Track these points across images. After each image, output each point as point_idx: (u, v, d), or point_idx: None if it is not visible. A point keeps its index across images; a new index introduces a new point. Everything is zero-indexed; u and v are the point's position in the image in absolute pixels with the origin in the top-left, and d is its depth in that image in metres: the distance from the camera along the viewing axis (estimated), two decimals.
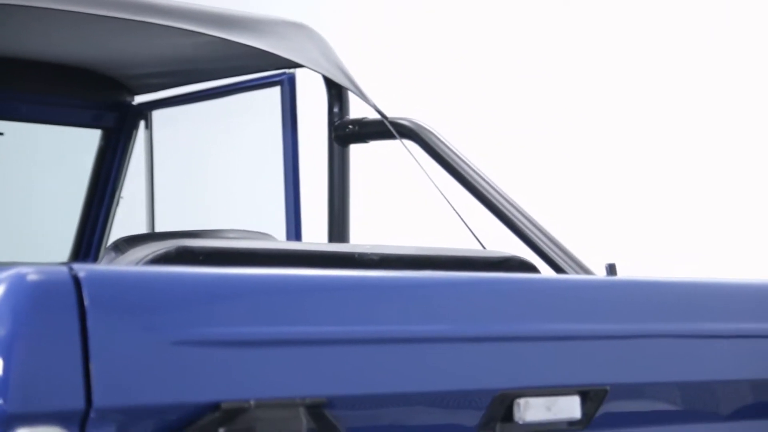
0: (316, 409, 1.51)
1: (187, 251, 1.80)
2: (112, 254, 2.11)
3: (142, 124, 3.40)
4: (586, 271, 2.52)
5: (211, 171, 5.57)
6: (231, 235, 2.61)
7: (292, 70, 3.01)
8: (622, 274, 1.99)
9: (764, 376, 1.97)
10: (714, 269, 4.55)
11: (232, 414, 1.45)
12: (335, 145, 2.96)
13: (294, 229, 2.97)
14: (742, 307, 1.97)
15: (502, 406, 1.68)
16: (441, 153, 2.71)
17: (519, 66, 5.18)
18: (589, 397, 1.76)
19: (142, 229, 3.40)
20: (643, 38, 4.87)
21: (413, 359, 1.61)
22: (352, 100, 2.96)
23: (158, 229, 3.41)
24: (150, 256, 1.83)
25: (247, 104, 3.26)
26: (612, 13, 4.95)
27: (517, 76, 5.18)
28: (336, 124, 2.96)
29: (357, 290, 1.61)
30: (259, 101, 3.17)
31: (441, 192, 2.57)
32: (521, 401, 1.69)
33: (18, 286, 1.35)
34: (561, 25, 5.08)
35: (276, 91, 3.05)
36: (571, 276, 2.44)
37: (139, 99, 3.39)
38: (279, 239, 2.90)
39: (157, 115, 3.39)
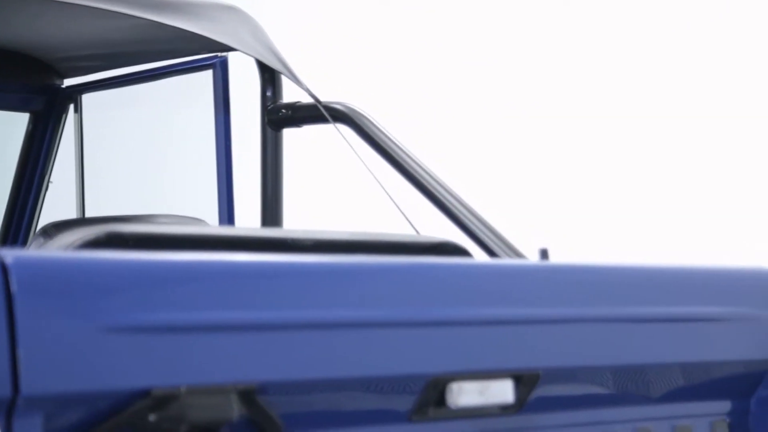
0: (248, 396, 1.50)
1: (117, 236, 1.78)
2: (41, 240, 2.08)
3: (71, 107, 3.36)
4: (519, 256, 2.53)
5: (142, 156, 5.53)
6: (162, 220, 2.59)
7: (224, 54, 2.99)
8: (555, 258, 2.00)
9: (694, 359, 1.99)
10: (651, 254, 4.59)
11: (163, 401, 1.43)
12: (268, 130, 2.95)
13: (227, 214, 2.95)
14: (672, 292, 1.99)
15: (435, 391, 1.69)
16: (374, 137, 2.71)
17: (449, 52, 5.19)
18: (522, 381, 1.76)
19: (72, 214, 3.36)
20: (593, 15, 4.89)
21: (346, 344, 1.60)
22: (286, 84, 2.94)
23: (88, 214, 3.37)
24: (79, 242, 1.81)
25: (179, 88, 3.23)
26: None
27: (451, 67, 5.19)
28: (269, 108, 2.95)
29: (290, 275, 1.60)
30: (191, 85, 3.14)
31: (374, 176, 2.57)
32: (454, 386, 1.69)
33: None
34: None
35: (208, 74, 3.03)
36: (504, 261, 2.45)
37: (68, 82, 3.35)
38: (211, 224, 2.88)
39: (87, 98, 3.36)
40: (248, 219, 3.06)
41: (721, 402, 2.06)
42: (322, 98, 2.80)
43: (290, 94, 2.95)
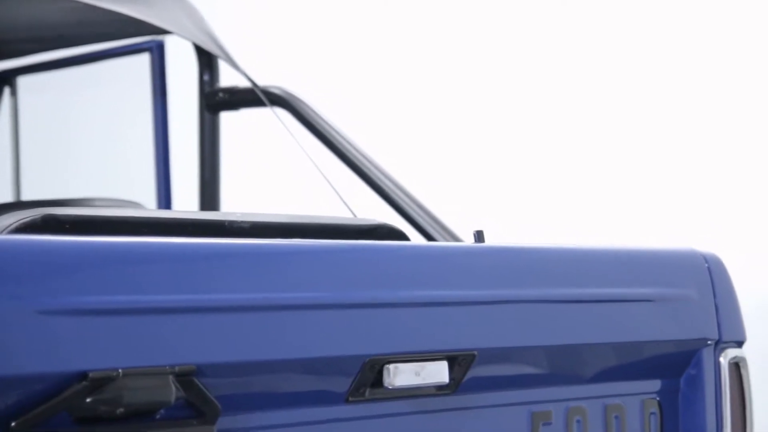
0: (186, 378, 1.51)
1: (53, 219, 1.77)
2: None
3: (7, 90, 3.33)
4: (455, 238, 2.55)
5: (79, 139, 5.49)
6: (99, 203, 2.58)
7: (161, 37, 2.98)
8: (490, 240, 2.02)
9: (626, 339, 2.02)
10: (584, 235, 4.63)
11: (100, 383, 1.44)
12: (205, 113, 2.94)
13: (164, 198, 2.94)
14: (604, 273, 2.02)
15: (371, 372, 1.70)
16: (312, 121, 2.72)
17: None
18: (458, 362, 1.79)
19: (8, 197, 3.34)
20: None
21: (284, 326, 1.61)
22: (223, 68, 2.94)
23: (24, 197, 3.35)
24: (15, 225, 1.80)
25: (116, 71, 3.22)
26: None
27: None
28: (206, 92, 2.94)
29: (227, 258, 1.60)
30: (128, 68, 3.13)
31: (312, 160, 2.57)
32: (391, 367, 1.71)
33: None
34: None
35: (145, 58, 3.02)
36: (440, 243, 2.47)
37: (4, 65, 3.32)
38: (148, 208, 2.88)
39: (22, 81, 3.33)
40: (186, 203, 3.05)
41: (652, 381, 2.10)
42: (260, 83, 2.80)
43: (228, 78, 2.95)
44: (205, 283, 1.55)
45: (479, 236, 2.01)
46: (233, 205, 3.13)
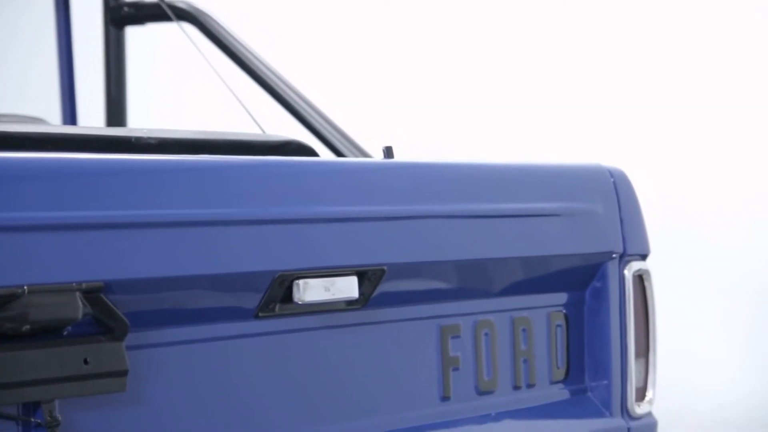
0: (93, 294, 1.50)
1: None
2: None
3: None
4: (364, 154, 2.55)
5: None
6: (2, 119, 2.53)
7: None
8: (400, 156, 2.02)
9: (532, 253, 2.04)
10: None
11: (5, 300, 1.42)
12: (111, 28, 2.90)
13: (69, 114, 2.90)
14: (512, 188, 2.04)
15: (281, 288, 1.71)
16: (219, 36, 2.69)
17: None
18: (367, 277, 1.80)
19: None
20: None
21: (192, 242, 1.61)
22: None
23: None
24: None
25: None
26: None
27: None
28: (111, 6, 2.89)
29: (134, 174, 1.59)
30: None
31: (219, 75, 2.55)
32: (300, 282, 1.71)
33: None
34: None
35: None
36: (350, 159, 2.47)
37: None
38: (53, 123, 2.83)
39: None
40: (92, 119, 3.01)
41: (559, 294, 2.13)
42: None
43: None
44: (111, 200, 1.54)
45: (388, 152, 2.01)
46: (140, 121, 3.09)
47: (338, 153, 2.56)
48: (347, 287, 1.77)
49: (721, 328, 4.71)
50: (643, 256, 2.20)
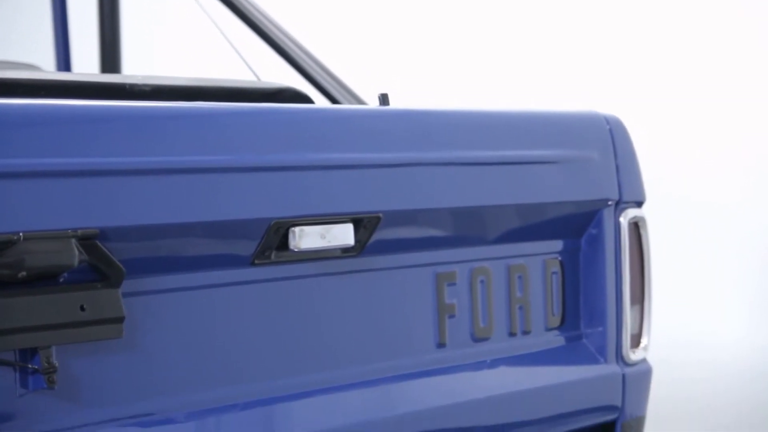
0: (89, 241, 1.50)
1: None
2: None
3: None
4: (359, 102, 2.54)
5: None
6: None
7: None
8: (395, 103, 2.02)
9: (528, 200, 2.04)
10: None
11: (1, 247, 1.42)
12: None
13: (63, 60, 2.89)
14: (508, 135, 2.04)
15: (277, 235, 1.71)
16: None
17: None
18: (363, 224, 1.80)
19: None
20: None
21: (188, 190, 1.60)
22: None
23: None
24: None
25: None
26: None
27: None
28: None
29: (128, 121, 1.58)
30: None
31: (214, 22, 2.54)
32: (296, 230, 1.71)
33: None
34: None
35: None
36: (345, 106, 2.46)
37: None
38: (47, 70, 2.82)
39: None
40: (86, 65, 3.00)
41: (554, 242, 2.13)
42: None
43: None
44: (106, 147, 1.53)
45: (384, 99, 2.00)
46: (135, 68, 3.08)
47: (333, 100, 2.55)
48: (343, 234, 1.77)
49: (718, 279, 4.73)
50: (639, 204, 2.20)
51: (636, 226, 2.19)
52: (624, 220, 2.17)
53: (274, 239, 1.71)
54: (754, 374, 4.65)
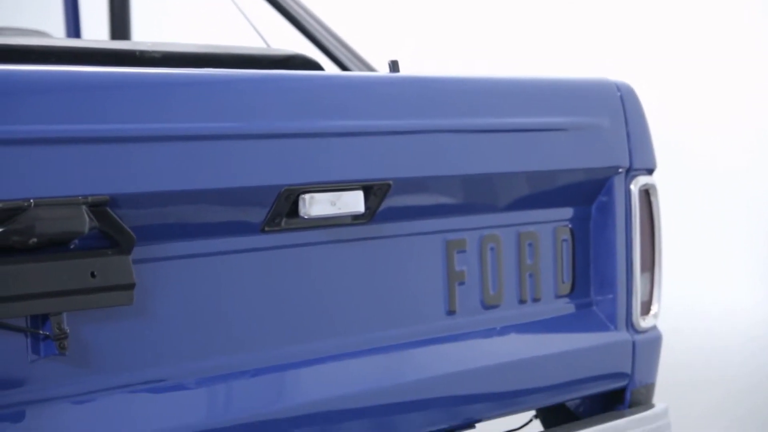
0: (99, 208, 1.50)
1: None
2: None
3: None
4: (370, 68, 2.54)
5: None
6: (5, 32, 2.52)
7: None
8: (405, 70, 2.01)
9: (539, 168, 2.04)
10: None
11: (11, 213, 1.43)
12: None
13: (73, 27, 2.88)
14: (518, 102, 2.03)
15: (287, 202, 1.71)
16: None
17: None
18: (373, 191, 1.79)
19: None
20: None
21: (198, 157, 1.60)
22: None
23: None
24: None
25: None
26: None
27: None
28: None
29: (139, 88, 1.58)
30: None
31: None
32: (306, 197, 1.71)
33: None
34: None
35: None
36: (355, 73, 2.46)
37: None
38: (57, 36, 2.82)
39: None
40: (96, 32, 2.99)
41: (565, 209, 2.13)
42: None
43: None
44: (116, 113, 1.53)
45: (394, 66, 2.00)
46: (145, 34, 3.07)
47: (343, 67, 2.54)
48: (353, 201, 1.77)
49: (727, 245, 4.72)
50: (650, 171, 2.20)
51: (647, 194, 2.19)
52: (634, 187, 2.16)
53: (285, 206, 1.71)
54: (765, 343, 4.65)
